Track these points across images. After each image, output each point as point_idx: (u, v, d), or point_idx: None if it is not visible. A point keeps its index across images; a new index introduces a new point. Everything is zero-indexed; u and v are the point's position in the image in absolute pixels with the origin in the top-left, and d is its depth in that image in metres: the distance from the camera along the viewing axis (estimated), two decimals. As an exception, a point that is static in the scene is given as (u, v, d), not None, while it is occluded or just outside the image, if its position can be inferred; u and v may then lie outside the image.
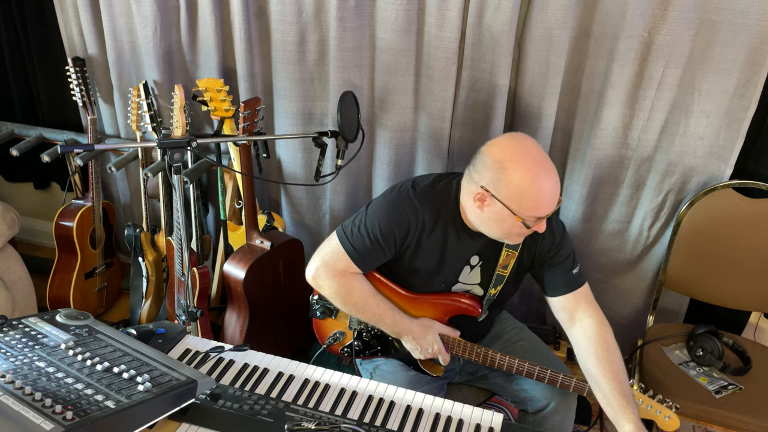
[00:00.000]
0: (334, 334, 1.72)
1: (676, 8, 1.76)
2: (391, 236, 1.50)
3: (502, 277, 1.58)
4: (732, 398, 1.75)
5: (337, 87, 2.08)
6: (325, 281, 1.55)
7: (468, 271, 1.59)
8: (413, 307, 1.61)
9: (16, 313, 2.28)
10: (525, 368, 1.54)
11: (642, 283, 2.22)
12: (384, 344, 1.68)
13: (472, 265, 1.59)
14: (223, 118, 2.13)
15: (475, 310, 1.59)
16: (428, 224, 1.51)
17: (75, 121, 2.60)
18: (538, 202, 1.35)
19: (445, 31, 1.92)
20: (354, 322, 1.69)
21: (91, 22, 2.29)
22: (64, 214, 2.44)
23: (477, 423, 1.20)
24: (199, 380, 1.09)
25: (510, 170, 1.35)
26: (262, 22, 2.14)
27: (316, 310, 1.72)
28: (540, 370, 1.53)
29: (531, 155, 1.37)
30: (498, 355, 1.57)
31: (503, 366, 1.56)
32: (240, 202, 2.22)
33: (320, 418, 1.16)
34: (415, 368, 1.65)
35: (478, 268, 1.59)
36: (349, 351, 1.70)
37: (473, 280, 1.61)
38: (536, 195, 1.35)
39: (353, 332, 1.69)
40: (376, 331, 1.66)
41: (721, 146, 1.93)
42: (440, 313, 1.61)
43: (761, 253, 1.92)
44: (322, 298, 1.69)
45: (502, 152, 1.38)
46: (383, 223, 1.50)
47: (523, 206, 1.36)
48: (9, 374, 1.02)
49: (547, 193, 1.36)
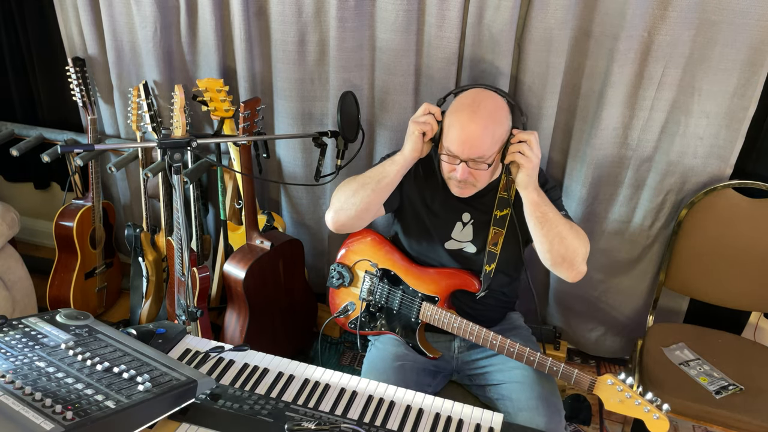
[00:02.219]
0: (345, 306, 1.80)
1: (676, 8, 1.76)
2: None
3: (493, 254, 1.64)
4: (732, 398, 1.75)
5: (337, 87, 2.08)
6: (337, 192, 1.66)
7: (461, 228, 1.68)
8: (417, 279, 1.70)
9: (16, 313, 2.28)
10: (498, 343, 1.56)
11: (642, 283, 2.23)
12: (389, 318, 1.73)
13: (464, 222, 1.68)
14: (223, 118, 2.13)
15: (473, 286, 1.65)
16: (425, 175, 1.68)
17: (75, 121, 2.60)
18: (452, 135, 1.50)
19: (445, 31, 1.92)
20: (365, 291, 1.75)
21: (91, 22, 2.29)
22: (64, 214, 2.44)
23: (477, 423, 1.20)
24: (199, 380, 1.09)
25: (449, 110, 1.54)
26: (262, 22, 2.14)
27: (332, 277, 1.82)
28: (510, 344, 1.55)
29: (470, 102, 1.52)
30: (484, 331, 1.58)
31: (487, 343, 1.58)
32: (240, 202, 2.22)
33: (320, 418, 1.16)
34: (414, 347, 1.69)
35: (470, 226, 1.68)
36: (355, 325, 1.78)
37: (466, 237, 1.69)
38: (454, 129, 1.50)
39: (362, 303, 1.76)
40: (383, 303, 1.72)
41: (721, 146, 1.93)
42: (441, 287, 1.68)
43: (761, 254, 1.92)
44: (339, 264, 1.80)
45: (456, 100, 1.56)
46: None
47: (446, 139, 1.52)
48: (9, 374, 1.02)
49: (461, 131, 1.49)
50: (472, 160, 1.50)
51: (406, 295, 1.70)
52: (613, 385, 1.40)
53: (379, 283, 1.73)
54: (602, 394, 1.43)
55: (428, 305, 1.66)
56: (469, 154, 1.49)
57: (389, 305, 1.72)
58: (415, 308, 1.68)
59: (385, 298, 1.72)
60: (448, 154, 1.52)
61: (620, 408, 1.40)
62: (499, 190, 1.65)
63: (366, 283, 1.75)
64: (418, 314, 1.68)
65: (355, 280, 1.78)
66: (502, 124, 1.51)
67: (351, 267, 1.79)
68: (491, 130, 1.48)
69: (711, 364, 1.87)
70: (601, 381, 1.43)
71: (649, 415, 1.35)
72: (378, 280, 1.73)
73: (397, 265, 1.73)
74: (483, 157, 1.49)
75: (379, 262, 1.75)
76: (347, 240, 1.85)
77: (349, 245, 1.84)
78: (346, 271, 1.78)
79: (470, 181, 1.54)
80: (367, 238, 1.81)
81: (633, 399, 1.37)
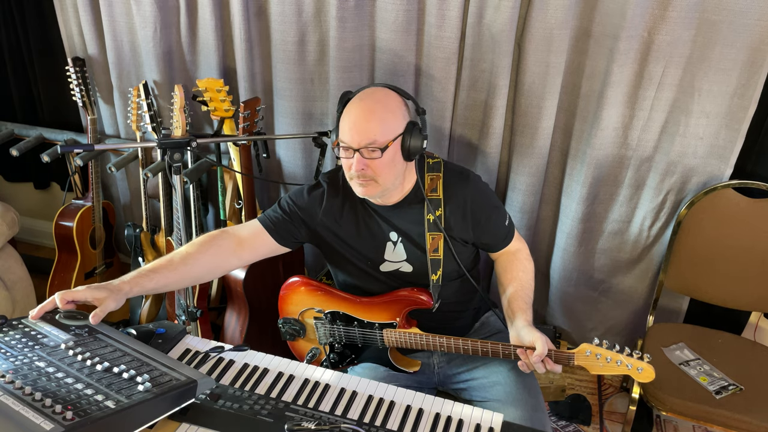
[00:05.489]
0: (310, 352, 1.71)
1: (676, 8, 1.76)
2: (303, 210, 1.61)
3: (437, 261, 1.58)
4: (732, 398, 1.75)
5: (337, 87, 2.08)
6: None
7: (392, 249, 1.61)
8: (367, 311, 1.61)
9: (16, 313, 2.28)
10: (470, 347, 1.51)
11: (642, 283, 2.23)
12: (356, 351, 1.68)
13: (394, 241, 1.61)
14: (223, 118, 2.13)
15: (424, 302, 1.57)
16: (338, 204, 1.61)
17: (75, 121, 2.60)
18: (343, 125, 1.47)
19: (445, 31, 1.92)
20: (323, 337, 1.68)
21: (91, 22, 2.30)
22: (64, 214, 2.45)
23: (477, 423, 1.20)
24: (199, 380, 1.09)
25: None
26: (262, 22, 2.14)
27: (285, 333, 1.74)
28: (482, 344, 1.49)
29: (360, 94, 1.50)
30: (452, 339, 1.52)
31: (460, 350, 1.53)
32: (240, 202, 2.22)
33: (320, 418, 1.16)
34: (390, 367, 1.64)
35: (401, 244, 1.60)
36: (328, 366, 1.70)
37: (399, 257, 1.61)
38: (345, 119, 1.47)
39: (324, 347, 1.70)
40: (345, 341, 1.67)
41: (721, 146, 1.93)
42: (393, 311, 1.59)
43: (761, 253, 1.92)
44: (285, 320, 1.73)
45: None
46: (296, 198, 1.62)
47: (340, 132, 1.49)
48: (9, 374, 1.01)
49: (350, 118, 1.46)
50: (365, 148, 1.44)
51: (364, 329, 1.62)
52: (591, 354, 1.38)
53: (332, 326, 1.66)
54: (584, 364, 1.40)
55: (389, 331, 1.58)
56: (359, 141, 1.44)
57: (352, 341, 1.65)
58: (377, 338, 1.61)
59: (344, 336, 1.66)
60: (342, 147, 1.48)
61: (605, 370, 1.39)
62: (425, 192, 1.56)
63: (320, 330, 1.68)
64: (382, 342, 1.61)
65: (307, 329, 1.70)
66: (392, 112, 1.46)
67: (298, 319, 1.70)
68: (379, 115, 1.45)
69: (711, 364, 1.87)
70: (579, 354, 1.40)
71: (633, 371, 1.35)
72: (330, 324, 1.66)
73: (341, 304, 1.64)
74: (374, 142, 1.43)
75: (323, 306, 1.66)
76: (281, 295, 1.74)
77: (285, 299, 1.73)
78: (296, 324, 1.70)
79: (369, 174, 1.46)
80: (301, 288, 1.70)
81: (614, 360, 1.37)
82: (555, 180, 2.19)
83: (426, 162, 1.59)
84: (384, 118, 1.45)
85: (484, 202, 1.59)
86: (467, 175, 1.61)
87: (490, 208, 1.60)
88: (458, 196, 1.56)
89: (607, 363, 1.37)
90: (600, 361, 1.38)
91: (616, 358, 1.36)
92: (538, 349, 1.39)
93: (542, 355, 1.39)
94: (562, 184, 2.16)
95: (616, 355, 1.36)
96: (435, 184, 1.57)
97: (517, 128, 2.07)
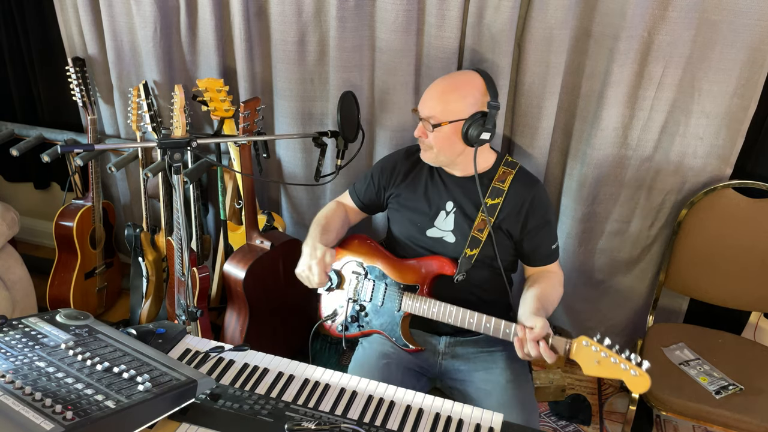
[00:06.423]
0: (334, 310, 1.81)
1: (676, 8, 1.76)
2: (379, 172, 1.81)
3: (477, 240, 1.67)
4: (732, 398, 1.75)
5: (337, 87, 2.08)
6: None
7: (443, 217, 1.72)
8: (398, 272, 1.73)
9: (16, 313, 2.28)
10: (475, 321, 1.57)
11: (642, 283, 2.23)
12: (374, 316, 1.75)
13: (447, 211, 1.72)
14: (223, 118, 2.13)
15: (449, 268, 1.68)
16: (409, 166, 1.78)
17: (75, 121, 2.60)
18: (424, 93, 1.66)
19: (445, 31, 1.92)
20: (350, 291, 1.78)
21: (91, 22, 2.30)
22: (64, 214, 2.45)
23: (477, 423, 1.20)
24: (199, 380, 1.09)
25: None
26: (262, 22, 2.14)
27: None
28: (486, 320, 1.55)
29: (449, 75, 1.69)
30: (461, 311, 1.59)
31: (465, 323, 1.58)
32: (240, 202, 2.22)
33: (320, 418, 1.16)
34: (397, 341, 1.70)
35: (452, 215, 1.71)
36: (342, 328, 1.80)
37: (447, 227, 1.72)
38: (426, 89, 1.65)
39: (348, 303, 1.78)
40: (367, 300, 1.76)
41: (721, 146, 1.93)
42: (420, 275, 1.71)
43: (761, 253, 1.92)
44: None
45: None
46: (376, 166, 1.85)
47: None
48: (9, 374, 1.02)
49: (429, 90, 1.64)
50: (425, 120, 1.61)
51: (389, 288, 1.73)
52: (589, 345, 1.37)
53: (365, 280, 1.76)
54: (580, 358, 1.39)
55: (409, 294, 1.69)
56: (423, 112, 1.62)
57: (374, 301, 1.74)
58: (397, 300, 1.70)
59: (370, 294, 1.75)
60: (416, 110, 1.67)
61: (599, 370, 1.35)
62: (493, 180, 1.68)
63: (352, 283, 1.78)
64: (400, 306, 1.70)
65: (342, 282, 1.81)
66: (463, 97, 1.59)
67: (339, 271, 1.81)
68: (447, 96, 1.60)
69: (711, 364, 1.87)
70: (576, 343, 1.39)
71: (627, 373, 1.29)
72: (364, 278, 1.76)
73: (381, 261, 1.77)
74: (432, 118, 1.59)
75: (365, 260, 1.79)
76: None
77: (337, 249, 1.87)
78: (334, 275, 1.81)
79: (424, 140, 1.64)
80: (354, 240, 1.85)
81: (609, 357, 1.33)
82: (555, 180, 2.19)
83: (506, 158, 1.74)
84: (449, 100, 1.59)
85: (540, 211, 1.68)
86: (536, 181, 1.73)
87: (543, 218, 1.69)
88: (521, 195, 1.67)
89: (603, 359, 1.35)
90: (596, 356, 1.36)
91: (612, 356, 1.34)
92: (536, 329, 1.44)
93: (538, 336, 1.43)
94: (562, 184, 2.16)
95: (613, 353, 1.34)
96: (505, 177, 1.69)
97: (517, 128, 2.07)
